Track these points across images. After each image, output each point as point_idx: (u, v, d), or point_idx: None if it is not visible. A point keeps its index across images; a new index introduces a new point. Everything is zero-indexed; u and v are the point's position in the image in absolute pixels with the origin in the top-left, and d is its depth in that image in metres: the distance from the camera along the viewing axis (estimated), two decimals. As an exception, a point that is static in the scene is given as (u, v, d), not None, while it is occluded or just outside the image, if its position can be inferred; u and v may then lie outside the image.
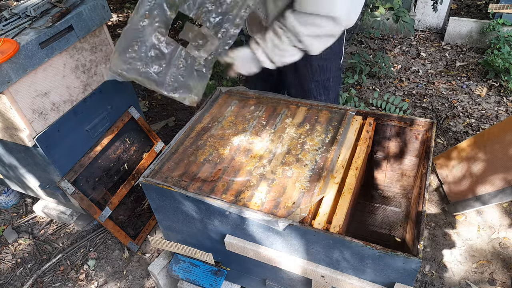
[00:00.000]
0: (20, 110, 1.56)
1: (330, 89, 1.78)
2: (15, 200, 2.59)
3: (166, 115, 3.34)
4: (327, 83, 1.75)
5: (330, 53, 1.65)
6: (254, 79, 1.88)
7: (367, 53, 3.83)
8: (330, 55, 1.66)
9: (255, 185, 1.30)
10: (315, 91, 1.77)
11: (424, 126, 1.54)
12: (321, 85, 1.75)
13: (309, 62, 1.66)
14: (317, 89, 1.76)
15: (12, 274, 2.19)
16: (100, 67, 1.90)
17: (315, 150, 1.41)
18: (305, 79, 1.74)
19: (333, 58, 1.69)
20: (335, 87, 1.80)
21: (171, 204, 1.37)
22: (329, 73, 1.72)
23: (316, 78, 1.72)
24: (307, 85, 1.75)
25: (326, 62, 1.67)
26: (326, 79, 1.73)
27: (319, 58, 1.63)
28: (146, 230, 2.29)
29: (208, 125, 1.58)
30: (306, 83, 1.75)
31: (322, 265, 1.23)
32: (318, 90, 1.77)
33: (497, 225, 2.20)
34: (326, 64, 1.68)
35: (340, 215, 1.20)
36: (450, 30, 3.92)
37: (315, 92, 1.77)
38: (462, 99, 3.22)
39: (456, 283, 1.97)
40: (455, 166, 2.29)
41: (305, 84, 1.76)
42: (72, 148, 1.85)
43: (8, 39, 1.50)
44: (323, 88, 1.76)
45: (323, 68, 1.69)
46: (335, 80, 1.78)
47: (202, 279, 1.60)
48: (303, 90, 1.79)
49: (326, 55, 1.62)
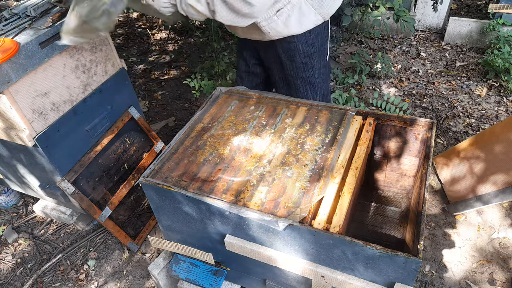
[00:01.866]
0: (20, 110, 1.56)
1: (316, 85, 1.81)
2: (15, 200, 2.59)
3: (166, 115, 3.34)
4: (312, 80, 1.78)
5: (313, 50, 1.70)
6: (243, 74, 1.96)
7: (367, 53, 3.83)
8: (313, 51, 1.70)
9: (255, 185, 1.30)
10: (301, 87, 1.81)
11: (424, 126, 1.54)
12: (306, 82, 1.79)
13: (293, 59, 1.71)
14: (303, 86, 1.80)
15: (12, 274, 2.19)
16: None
17: (315, 150, 1.41)
18: (290, 76, 1.78)
19: (316, 55, 1.72)
20: (322, 84, 1.84)
21: (171, 204, 1.37)
22: (313, 70, 1.76)
23: (301, 74, 1.76)
24: (293, 81, 1.80)
25: (309, 59, 1.71)
26: (311, 76, 1.77)
27: (302, 56, 1.69)
28: (146, 230, 2.29)
29: (208, 125, 1.58)
30: (292, 80, 1.79)
31: (322, 265, 1.23)
32: (304, 86, 1.80)
33: (497, 225, 2.20)
34: (309, 61, 1.72)
35: (340, 215, 1.20)
36: (450, 30, 3.92)
37: (301, 88, 1.81)
38: (462, 99, 3.22)
39: (456, 283, 1.97)
40: (455, 166, 2.29)
41: (291, 81, 1.80)
42: (72, 148, 1.85)
43: (8, 39, 1.50)
44: (309, 85, 1.80)
45: (307, 65, 1.73)
46: (321, 77, 1.81)
47: (202, 279, 1.60)
48: (289, 86, 1.84)
49: (308, 52, 1.68)
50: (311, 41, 1.66)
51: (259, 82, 2.01)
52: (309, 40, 1.66)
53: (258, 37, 1.67)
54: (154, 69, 4.00)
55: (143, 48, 4.44)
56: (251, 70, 1.95)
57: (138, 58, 4.25)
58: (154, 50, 4.35)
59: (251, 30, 1.64)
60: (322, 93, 1.86)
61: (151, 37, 4.60)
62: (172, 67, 4.00)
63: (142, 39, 4.62)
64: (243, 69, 1.97)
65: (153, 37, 4.61)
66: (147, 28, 4.78)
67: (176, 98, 3.55)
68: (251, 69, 1.94)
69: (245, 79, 1.99)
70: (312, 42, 1.67)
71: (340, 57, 3.92)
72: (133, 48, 4.47)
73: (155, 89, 3.72)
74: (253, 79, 1.98)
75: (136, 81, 3.82)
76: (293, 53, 1.68)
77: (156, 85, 3.76)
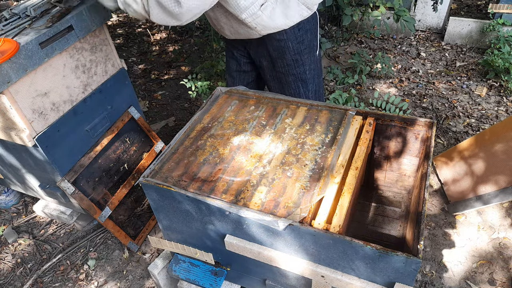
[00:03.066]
0: (20, 110, 1.56)
1: (307, 81, 1.84)
2: (15, 200, 2.60)
3: (166, 115, 3.34)
4: (303, 76, 1.80)
5: (302, 47, 1.72)
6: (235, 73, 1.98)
7: (367, 53, 3.83)
8: (302, 48, 1.73)
9: (255, 185, 1.30)
10: (293, 84, 1.83)
11: (424, 126, 1.54)
12: (298, 78, 1.81)
13: (283, 57, 1.73)
14: (295, 82, 1.82)
15: (12, 274, 2.19)
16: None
17: (315, 150, 1.41)
18: (282, 73, 1.80)
19: (306, 51, 1.75)
20: (313, 79, 1.86)
21: (171, 204, 1.37)
22: (304, 66, 1.78)
23: (292, 71, 1.78)
24: (285, 79, 1.82)
25: (299, 55, 1.74)
26: (302, 72, 1.79)
27: (292, 53, 1.71)
28: (146, 230, 2.29)
29: (208, 125, 1.58)
30: (283, 77, 1.81)
31: (322, 265, 1.23)
32: (295, 83, 1.82)
33: (497, 225, 2.20)
34: (300, 58, 1.75)
35: (340, 215, 1.20)
36: (450, 30, 3.92)
37: (293, 85, 1.83)
38: (462, 99, 3.22)
39: (456, 283, 1.97)
40: (455, 166, 2.29)
41: (282, 78, 1.82)
42: (72, 148, 1.85)
43: (8, 39, 1.50)
44: (300, 81, 1.82)
45: (298, 62, 1.75)
46: (311, 72, 1.83)
47: (202, 279, 1.60)
48: (281, 84, 1.85)
49: (298, 49, 1.71)
50: (300, 38, 1.68)
51: (250, 81, 2.01)
52: (299, 37, 1.68)
53: (247, 36, 1.67)
54: (154, 69, 4.00)
55: (143, 48, 4.44)
56: (243, 69, 1.95)
57: (138, 58, 4.25)
58: (154, 50, 4.35)
59: (239, 30, 1.65)
60: (314, 88, 1.88)
61: (151, 37, 4.60)
62: (172, 67, 4.00)
63: (142, 39, 4.63)
64: (234, 68, 1.97)
65: (153, 37, 4.61)
66: (147, 28, 4.79)
67: (176, 98, 3.55)
68: (243, 68, 1.95)
69: (236, 78, 2.00)
70: (302, 39, 1.69)
71: (340, 57, 3.92)
72: (133, 48, 4.47)
73: (155, 89, 3.72)
74: (245, 77, 1.99)
75: (136, 81, 3.82)
76: (283, 51, 1.70)
77: (156, 85, 3.77)
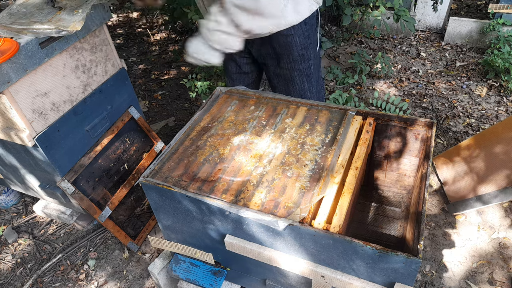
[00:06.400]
0: (20, 110, 1.56)
1: (312, 76, 1.85)
2: (15, 200, 2.60)
3: (166, 115, 3.34)
4: (308, 71, 1.82)
5: (308, 42, 1.74)
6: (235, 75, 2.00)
7: (367, 53, 3.83)
8: (308, 43, 1.74)
9: (255, 185, 1.30)
10: (298, 79, 1.83)
11: (424, 126, 1.54)
12: (303, 73, 1.82)
13: (290, 52, 1.74)
14: (300, 77, 1.83)
15: (12, 274, 2.19)
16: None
17: (315, 150, 1.41)
18: (287, 69, 1.80)
19: (311, 46, 1.77)
20: (316, 74, 1.88)
21: (171, 204, 1.37)
22: (309, 61, 1.79)
23: (298, 66, 1.79)
24: (290, 74, 1.82)
25: (306, 50, 1.75)
26: (308, 67, 1.80)
27: (299, 48, 1.72)
28: (146, 230, 2.29)
29: (208, 125, 1.58)
30: (288, 73, 1.82)
31: (322, 265, 1.23)
32: (301, 78, 1.83)
33: (497, 225, 2.20)
34: (306, 53, 1.76)
35: (340, 215, 1.20)
36: (450, 30, 3.92)
37: (298, 80, 1.84)
38: (462, 99, 3.22)
39: (456, 283, 1.97)
40: (455, 166, 2.29)
41: (287, 74, 1.83)
42: (72, 148, 1.85)
43: (8, 39, 1.50)
44: (305, 76, 1.83)
45: (304, 57, 1.76)
46: (315, 68, 1.85)
47: (202, 279, 1.60)
48: (285, 80, 1.86)
49: (305, 43, 1.72)
50: (306, 33, 1.70)
51: (250, 82, 2.03)
52: (305, 32, 1.69)
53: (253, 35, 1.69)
54: (154, 69, 4.00)
55: (143, 48, 4.44)
56: (243, 71, 1.96)
57: (138, 58, 4.25)
58: (154, 50, 4.35)
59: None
60: (317, 83, 1.90)
61: (151, 37, 4.60)
62: (172, 67, 4.00)
63: (142, 39, 4.63)
64: (234, 70, 1.98)
65: (153, 37, 4.61)
66: (147, 28, 4.79)
67: (176, 98, 3.55)
68: (243, 69, 1.96)
69: (236, 80, 2.01)
70: (308, 34, 1.71)
71: (340, 57, 3.92)
72: (133, 48, 4.47)
73: (155, 89, 3.72)
74: (245, 79, 2.00)
75: (136, 81, 3.82)
76: (290, 46, 1.71)
77: (156, 85, 3.77)
